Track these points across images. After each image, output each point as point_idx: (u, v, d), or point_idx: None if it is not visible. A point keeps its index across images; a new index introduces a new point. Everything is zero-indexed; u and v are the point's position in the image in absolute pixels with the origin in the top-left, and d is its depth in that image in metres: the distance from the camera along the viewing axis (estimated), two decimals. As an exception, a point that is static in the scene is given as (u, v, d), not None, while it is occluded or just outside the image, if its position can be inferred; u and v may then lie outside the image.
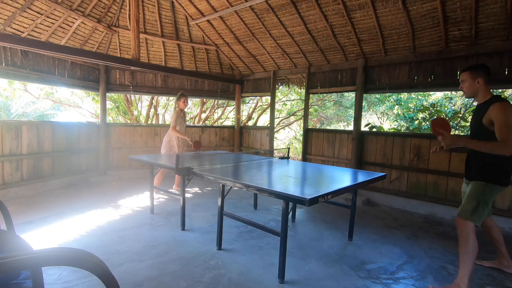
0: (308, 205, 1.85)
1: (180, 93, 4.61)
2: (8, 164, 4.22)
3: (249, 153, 5.29)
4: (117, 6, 5.34)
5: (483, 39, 3.70)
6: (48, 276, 2.20)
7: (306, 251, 2.84)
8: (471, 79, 2.24)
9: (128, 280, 2.21)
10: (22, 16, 4.25)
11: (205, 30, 6.06)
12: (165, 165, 3.29)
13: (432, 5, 3.62)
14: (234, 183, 2.37)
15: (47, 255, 0.82)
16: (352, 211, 3.10)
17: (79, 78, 5.35)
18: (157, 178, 4.46)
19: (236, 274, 2.36)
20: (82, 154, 5.42)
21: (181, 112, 4.64)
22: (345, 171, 3.20)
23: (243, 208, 4.16)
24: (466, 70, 2.28)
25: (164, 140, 4.65)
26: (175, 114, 4.53)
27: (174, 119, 4.49)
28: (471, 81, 2.24)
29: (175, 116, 4.51)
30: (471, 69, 2.25)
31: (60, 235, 3.00)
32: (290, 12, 4.64)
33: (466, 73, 2.27)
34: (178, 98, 4.59)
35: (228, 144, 7.03)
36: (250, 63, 6.40)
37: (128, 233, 3.11)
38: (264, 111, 10.48)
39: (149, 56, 6.09)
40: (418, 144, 4.33)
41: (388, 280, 2.36)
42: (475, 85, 2.23)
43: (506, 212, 3.63)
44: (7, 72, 4.29)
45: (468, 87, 2.26)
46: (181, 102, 4.58)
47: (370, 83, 4.80)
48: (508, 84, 3.75)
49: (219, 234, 2.78)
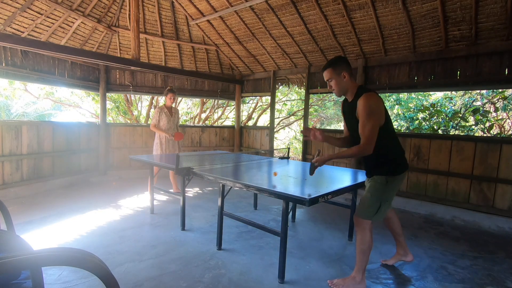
0: (308, 205, 1.85)
1: (167, 88, 4.46)
2: (8, 164, 4.22)
3: (249, 153, 5.29)
4: (117, 6, 5.34)
5: (483, 39, 3.70)
6: (48, 276, 2.20)
7: (306, 251, 2.84)
8: (336, 75, 2.11)
9: (128, 280, 2.21)
10: (22, 16, 4.25)
11: (205, 30, 6.06)
12: (165, 165, 3.29)
13: (432, 5, 3.61)
14: (234, 183, 2.37)
15: (47, 255, 0.82)
16: (352, 211, 3.10)
17: (79, 78, 5.35)
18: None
19: (236, 274, 2.36)
20: (82, 154, 5.41)
21: (166, 108, 4.48)
22: (345, 171, 3.20)
23: (243, 208, 4.16)
24: (327, 68, 2.13)
25: (154, 142, 4.57)
26: (157, 110, 4.42)
27: (154, 116, 4.41)
28: (337, 78, 2.11)
29: (155, 112, 4.40)
30: (332, 65, 2.11)
31: (60, 235, 3.01)
32: (290, 12, 4.64)
33: (328, 70, 2.12)
34: (165, 93, 4.45)
35: (228, 144, 7.03)
36: (250, 63, 6.40)
37: (128, 233, 3.10)
38: (264, 111, 10.48)
39: (149, 56, 6.09)
40: (418, 144, 4.33)
41: (388, 280, 2.36)
42: (342, 81, 2.12)
43: (506, 212, 3.63)
44: (7, 72, 4.29)
45: (336, 84, 2.13)
46: (168, 98, 4.45)
47: (370, 83, 4.80)
48: (508, 84, 3.75)
49: (219, 234, 2.78)
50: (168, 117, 4.49)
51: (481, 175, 3.81)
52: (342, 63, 2.13)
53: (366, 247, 2.13)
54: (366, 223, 2.14)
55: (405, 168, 2.18)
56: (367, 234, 2.13)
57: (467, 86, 4.18)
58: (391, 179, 2.11)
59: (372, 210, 2.13)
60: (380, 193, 2.12)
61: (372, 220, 2.14)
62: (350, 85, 2.15)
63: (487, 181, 3.78)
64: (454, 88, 4.19)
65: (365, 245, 2.13)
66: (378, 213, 2.13)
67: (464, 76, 3.94)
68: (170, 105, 4.53)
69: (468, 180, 3.92)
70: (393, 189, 2.15)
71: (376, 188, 2.13)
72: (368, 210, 2.13)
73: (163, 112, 4.45)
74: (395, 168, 2.12)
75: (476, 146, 3.85)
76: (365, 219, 2.13)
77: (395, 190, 2.17)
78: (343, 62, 2.14)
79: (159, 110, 4.44)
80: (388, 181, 2.11)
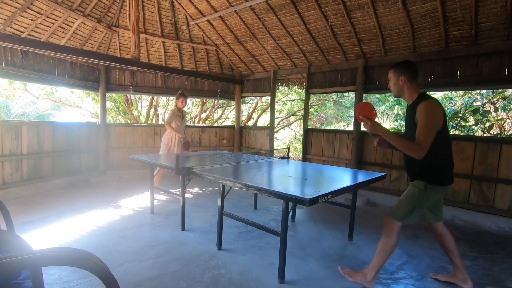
0: (308, 205, 1.85)
1: (179, 92, 4.64)
2: (8, 164, 4.22)
3: (249, 153, 5.29)
4: (117, 6, 5.34)
5: (483, 39, 3.70)
6: (48, 276, 2.20)
7: (306, 251, 2.84)
8: (394, 77, 2.19)
9: (128, 280, 2.21)
10: (22, 16, 4.25)
11: (205, 30, 6.06)
12: (165, 165, 3.29)
13: (432, 5, 3.61)
14: (234, 183, 2.37)
15: (47, 255, 0.82)
16: (352, 211, 3.10)
17: (79, 78, 5.35)
18: (155, 179, 4.45)
19: (236, 274, 2.36)
20: (82, 154, 5.42)
21: (179, 111, 4.66)
22: (345, 171, 3.20)
23: (243, 208, 4.16)
24: (390, 68, 2.24)
25: (162, 142, 4.68)
26: (172, 111, 4.60)
27: (169, 115, 4.57)
28: (395, 79, 2.19)
29: (171, 113, 4.58)
30: (394, 67, 2.20)
31: (60, 235, 3.00)
32: (290, 12, 4.64)
33: (390, 71, 2.23)
34: (177, 97, 4.64)
35: (228, 144, 7.03)
36: (250, 63, 6.40)
37: (128, 233, 3.10)
38: (264, 111, 10.48)
39: (149, 56, 6.09)
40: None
41: (388, 280, 2.36)
42: (398, 83, 2.18)
43: (506, 212, 3.63)
44: (7, 72, 4.29)
45: (393, 85, 2.22)
46: (179, 101, 4.63)
47: (370, 83, 4.80)
48: (508, 84, 3.75)
49: (219, 234, 2.78)
50: (180, 119, 4.65)
51: (481, 175, 3.81)
52: (404, 67, 2.16)
53: (388, 248, 2.12)
54: (395, 225, 2.13)
55: (448, 182, 2.12)
56: (393, 237, 2.12)
57: (467, 86, 4.17)
58: (430, 187, 2.08)
59: (404, 212, 2.12)
60: (415, 198, 2.11)
61: (402, 223, 2.13)
62: (408, 90, 2.17)
63: (487, 181, 3.78)
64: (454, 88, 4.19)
65: (387, 246, 2.12)
66: (409, 217, 2.11)
67: (464, 76, 3.94)
68: (181, 108, 4.67)
69: (468, 180, 3.92)
70: (430, 198, 2.11)
71: (413, 192, 2.13)
72: (400, 211, 2.14)
73: (176, 114, 4.61)
74: (437, 177, 2.07)
75: (476, 146, 3.85)
76: (396, 219, 2.13)
77: (431, 199, 2.13)
78: (406, 67, 2.16)
79: (174, 111, 4.59)
80: (427, 188, 2.08)
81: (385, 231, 2.17)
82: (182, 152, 4.64)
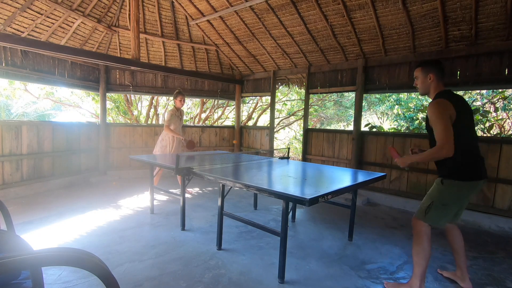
0: (308, 205, 1.85)
1: (177, 91, 4.52)
2: (8, 164, 4.22)
3: (249, 153, 5.29)
4: (117, 6, 5.34)
5: (483, 39, 3.70)
6: (48, 276, 2.20)
7: (306, 251, 2.84)
8: (422, 75, 2.19)
9: (128, 280, 2.21)
10: (22, 16, 4.25)
11: (205, 30, 6.06)
12: (165, 165, 3.29)
13: (432, 5, 3.62)
14: (234, 183, 2.37)
15: (47, 255, 0.82)
16: (352, 211, 3.10)
17: (79, 78, 5.35)
18: (155, 179, 4.44)
19: (236, 274, 2.36)
20: (82, 154, 5.41)
21: (177, 110, 4.56)
22: (345, 171, 3.19)
23: (243, 208, 4.16)
24: (418, 66, 2.23)
25: (159, 141, 4.59)
26: (170, 113, 4.48)
27: (168, 118, 4.45)
28: (423, 78, 2.19)
29: (170, 115, 4.46)
30: (422, 65, 2.21)
31: (60, 235, 3.00)
32: (290, 12, 4.64)
33: (418, 69, 2.23)
34: (175, 96, 4.50)
35: (228, 144, 7.03)
36: (250, 63, 6.40)
37: (128, 233, 3.10)
38: (264, 111, 10.48)
39: (149, 56, 6.09)
40: (418, 144, 4.32)
41: (388, 280, 2.36)
42: (426, 81, 2.17)
43: (506, 212, 3.63)
44: (7, 72, 4.29)
45: (420, 83, 2.22)
46: (178, 100, 4.50)
47: (370, 83, 4.80)
48: (508, 84, 3.75)
49: (219, 234, 2.78)
50: (178, 119, 4.56)
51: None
52: (433, 65, 2.17)
53: (420, 249, 2.07)
54: (420, 225, 2.10)
55: (471, 177, 2.01)
56: (422, 238, 2.08)
57: (467, 86, 4.17)
58: (447, 182, 2.03)
59: (424, 208, 2.10)
60: (433, 193, 2.10)
61: (424, 222, 2.08)
62: (434, 88, 2.17)
63: (487, 181, 3.77)
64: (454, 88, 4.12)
65: (419, 247, 2.08)
66: (429, 214, 2.06)
67: (464, 76, 3.95)
68: (180, 107, 4.57)
69: (468, 180, 3.91)
70: (449, 194, 2.04)
71: (432, 188, 2.13)
72: (421, 208, 2.13)
73: (175, 115, 4.51)
74: (455, 172, 2.01)
75: (476, 146, 3.85)
76: (419, 218, 2.12)
77: (452, 196, 2.05)
78: (434, 65, 2.17)
79: (172, 113, 4.48)
80: (444, 183, 2.04)
81: (413, 233, 2.16)
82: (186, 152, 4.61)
